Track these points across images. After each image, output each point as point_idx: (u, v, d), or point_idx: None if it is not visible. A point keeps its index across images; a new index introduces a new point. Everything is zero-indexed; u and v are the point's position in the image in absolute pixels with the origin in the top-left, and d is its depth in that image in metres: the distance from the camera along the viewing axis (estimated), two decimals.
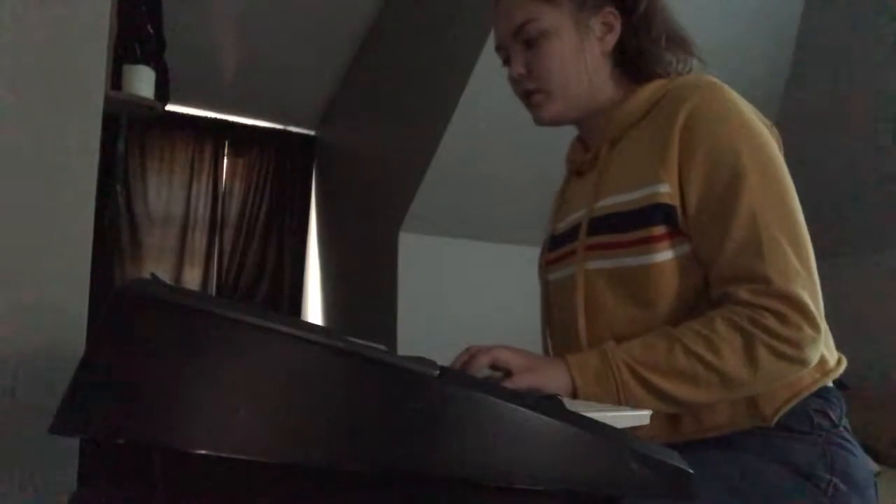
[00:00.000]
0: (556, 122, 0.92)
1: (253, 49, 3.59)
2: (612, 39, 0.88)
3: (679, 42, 0.90)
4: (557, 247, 0.94)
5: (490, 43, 2.40)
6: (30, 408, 0.88)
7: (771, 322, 0.69)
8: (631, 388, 0.72)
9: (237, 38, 3.53)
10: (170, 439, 0.38)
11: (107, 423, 0.37)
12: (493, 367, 0.75)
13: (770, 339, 0.69)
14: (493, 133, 2.68)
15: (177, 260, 3.96)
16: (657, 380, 0.71)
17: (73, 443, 0.93)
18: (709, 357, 0.70)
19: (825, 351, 0.77)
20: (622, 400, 0.72)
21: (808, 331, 0.70)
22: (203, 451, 0.38)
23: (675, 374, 0.71)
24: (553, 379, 0.74)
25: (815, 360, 0.72)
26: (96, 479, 0.44)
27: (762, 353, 0.69)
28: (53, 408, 0.37)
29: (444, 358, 0.76)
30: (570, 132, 1.04)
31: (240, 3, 3.28)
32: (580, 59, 0.87)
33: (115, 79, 1.88)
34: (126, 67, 1.92)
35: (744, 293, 0.72)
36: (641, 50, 0.88)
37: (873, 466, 0.80)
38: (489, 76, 2.48)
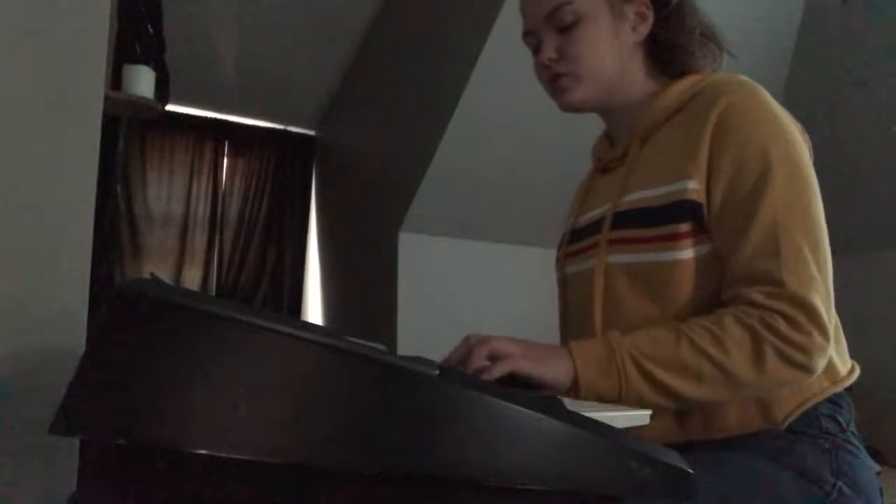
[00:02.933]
0: (580, 108, 0.90)
1: (253, 49, 3.59)
2: (644, 30, 0.87)
3: (712, 37, 0.89)
4: (578, 240, 0.92)
5: (490, 43, 2.41)
6: (30, 408, 0.88)
7: (782, 326, 0.68)
8: (633, 381, 0.71)
9: (237, 38, 3.53)
10: (170, 439, 0.38)
11: (107, 423, 0.37)
12: (492, 358, 0.72)
13: (779, 342, 0.68)
14: (493, 133, 2.68)
15: (177, 260, 3.96)
16: (661, 373, 0.70)
17: (73, 443, 0.93)
18: (715, 354, 0.69)
19: (837, 359, 0.77)
20: (623, 391, 0.71)
21: (818, 339, 0.69)
22: (203, 451, 0.38)
23: (679, 369, 0.70)
24: (554, 366, 0.72)
25: (821, 368, 0.71)
26: (96, 479, 0.44)
27: (770, 355, 0.68)
28: (53, 408, 0.37)
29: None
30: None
31: (240, 3, 3.28)
32: (614, 45, 0.86)
33: (115, 79, 1.88)
34: (126, 67, 1.92)
35: (756, 295, 0.70)
36: (674, 43, 0.87)
37: (875, 466, 0.79)
38: (489, 76, 2.48)
